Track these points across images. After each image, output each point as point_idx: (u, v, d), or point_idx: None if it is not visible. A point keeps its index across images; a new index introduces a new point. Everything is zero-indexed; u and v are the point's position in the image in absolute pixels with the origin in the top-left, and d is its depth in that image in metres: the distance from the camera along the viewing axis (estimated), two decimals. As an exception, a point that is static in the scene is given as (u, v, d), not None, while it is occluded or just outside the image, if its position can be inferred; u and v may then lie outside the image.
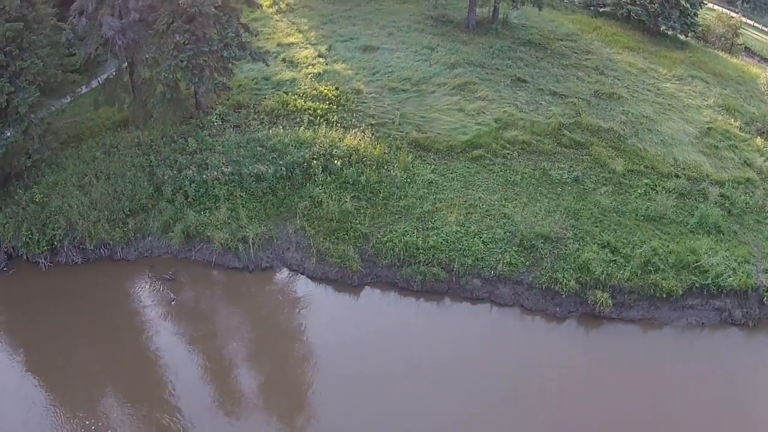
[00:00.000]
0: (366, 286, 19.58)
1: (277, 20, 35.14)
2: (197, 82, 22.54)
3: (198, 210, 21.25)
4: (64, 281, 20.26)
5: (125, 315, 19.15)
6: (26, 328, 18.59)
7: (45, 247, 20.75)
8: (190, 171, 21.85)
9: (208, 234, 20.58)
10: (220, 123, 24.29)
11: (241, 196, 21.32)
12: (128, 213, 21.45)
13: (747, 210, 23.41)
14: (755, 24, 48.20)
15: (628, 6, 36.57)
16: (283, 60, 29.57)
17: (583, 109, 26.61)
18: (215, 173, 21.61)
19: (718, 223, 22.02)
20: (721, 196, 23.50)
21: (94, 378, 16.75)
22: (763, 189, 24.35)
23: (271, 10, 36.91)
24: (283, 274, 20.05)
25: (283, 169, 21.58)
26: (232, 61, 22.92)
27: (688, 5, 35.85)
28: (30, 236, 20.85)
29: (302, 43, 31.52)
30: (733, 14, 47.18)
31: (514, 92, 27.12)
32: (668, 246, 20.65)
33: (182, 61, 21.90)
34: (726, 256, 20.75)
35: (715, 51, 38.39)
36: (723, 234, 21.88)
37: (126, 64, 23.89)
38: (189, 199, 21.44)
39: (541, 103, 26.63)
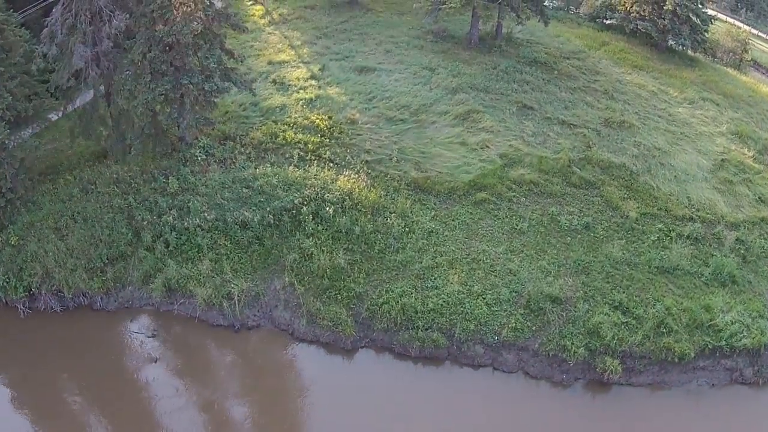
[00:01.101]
0: (361, 349, 18.25)
1: (269, 33, 32.99)
2: (177, 117, 20.70)
3: (180, 260, 19.66)
4: (42, 330, 19.07)
5: (105, 373, 17.78)
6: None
7: (23, 294, 19.60)
8: (171, 217, 20.16)
9: (191, 288, 19.07)
10: (204, 157, 22.48)
11: (226, 245, 19.74)
12: (106, 261, 19.95)
13: (762, 255, 22.18)
14: (759, 33, 46.56)
15: (637, 22, 34.76)
16: (273, 81, 27.59)
17: (593, 141, 25.03)
18: (197, 220, 19.96)
19: (733, 273, 20.84)
20: (736, 240, 22.24)
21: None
22: (780, 232, 23.16)
23: (263, 21, 34.69)
24: (271, 334, 18.59)
25: (271, 216, 19.92)
26: (215, 94, 20.99)
27: (699, 21, 34.13)
28: (6, 281, 19.71)
29: (294, 61, 29.48)
30: (738, 23, 45.59)
31: (521, 121, 25.45)
32: (682, 303, 19.42)
33: (160, 95, 20.07)
34: (740, 311, 19.61)
35: (724, 68, 36.82)
36: (737, 285, 20.73)
37: (102, 94, 21.99)
38: (170, 248, 19.83)
39: (549, 135, 25.00)
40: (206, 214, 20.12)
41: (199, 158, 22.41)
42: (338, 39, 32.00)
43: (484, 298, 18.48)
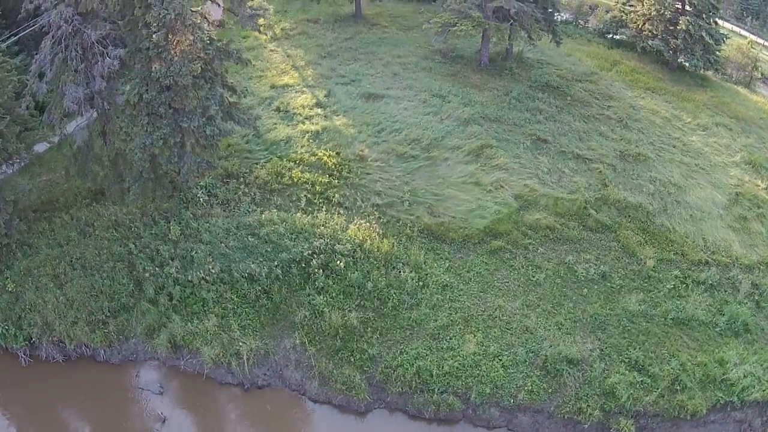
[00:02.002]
0: (374, 410, 17.81)
1: (272, 50, 31.62)
2: (177, 161, 19.67)
3: (184, 315, 18.94)
4: (44, 380, 18.50)
5: (110, 430, 17.31)
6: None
7: (23, 342, 19.02)
8: (174, 268, 19.37)
9: (197, 346, 18.46)
10: (206, 198, 21.55)
11: (232, 299, 19.02)
12: (108, 314, 19.22)
13: (778, 301, 22.00)
14: (766, 43, 45.59)
15: (649, 41, 33.76)
16: (277, 109, 26.48)
17: (609, 178, 24.35)
18: (201, 273, 19.19)
19: (747, 321, 20.58)
20: (751, 284, 21.96)
21: None
22: (792, 272, 22.88)
23: (265, 37, 33.17)
24: (281, 394, 18.05)
25: (279, 269, 19.21)
26: (217, 138, 19.92)
27: (712, 41, 33.23)
28: (6, 329, 19.08)
29: (298, 85, 28.28)
30: (743, 32, 44.55)
31: (535, 156, 24.68)
32: (696, 357, 19.17)
33: (159, 138, 18.98)
34: (753, 363, 19.46)
35: (735, 87, 36.04)
36: (751, 333, 20.52)
37: (97, 133, 20.85)
38: (174, 301, 19.06)
39: (564, 171, 24.29)
40: (211, 266, 19.33)
41: (201, 199, 21.49)
42: (344, 59, 30.74)
43: (501, 360, 18.05)
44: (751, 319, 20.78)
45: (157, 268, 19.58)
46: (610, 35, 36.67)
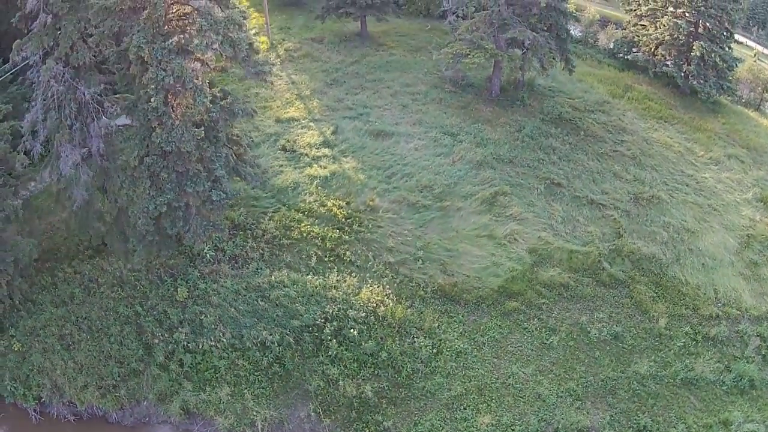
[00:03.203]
0: (388, 480, 17.89)
1: (275, 75, 30.31)
2: (183, 225, 18.97)
3: (196, 382, 18.67)
4: None
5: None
6: None
7: (33, 401, 18.83)
8: (183, 334, 18.99)
9: (211, 414, 18.27)
10: (213, 254, 21.00)
11: (245, 367, 18.73)
12: (118, 379, 18.93)
13: (784, 352, 22.15)
14: (773, 55, 44.73)
15: (662, 67, 32.86)
16: (283, 148, 25.63)
17: (623, 226, 24.01)
18: (212, 340, 18.86)
19: (753, 377, 20.76)
20: (758, 336, 22.03)
21: None
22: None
23: (269, 57, 31.97)
24: (296, 463, 18.11)
25: (291, 337, 18.91)
26: (223, 201, 19.16)
27: (725, 66, 32.42)
28: (15, 388, 18.85)
29: (304, 119, 27.34)
30: (750, 42, 43.50)
31: (549, 204, 24.18)
32: (702, 419, 19.32)
33: (162, 204, 18.22)
34: (757, 421, 19.72)
35: (746, 110, 35.43)
36: (756, 390, 20.71)
37: (98, 189, 20.03)
38: (185, 368, 18.77)
39: (578, 220, 23.86)
40: (221, 333, 18.99)
41: (208, 255, 20.96)
42: (350, 87, 29.68)
43: (513, 431, 18.08)
44: (758, 374, 20.92)
45: (166, 334, 19.19)
46: (622, 56, 35.76)
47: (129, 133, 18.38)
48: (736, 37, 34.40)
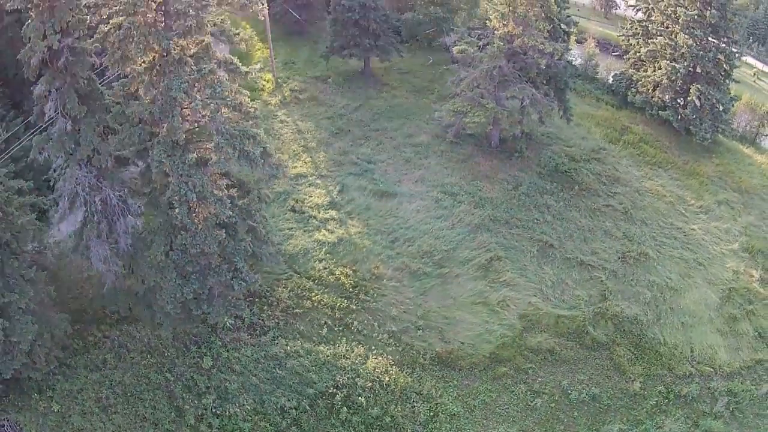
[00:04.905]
0: None
1: (281, 121, 31.51)
2: (207, 308, 20.89)
3: (223, 443, 21.27)
4: None
5: None
6: None
7: None
8: (211, 399, 21.33)
9: (238, 473, 20.88)
10: (232, 322, 23.08)
11: (267, 429, 21.06)
12: (154, 439, 21.44)
13: (751, 403, 24.38)
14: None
15: (659, 111, 33.51)
16: (292, 209, 27.12)
17: (609, 288, 25.87)
18: (236, 406, 21.21)
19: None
20: (728, 392, 24.23)
21: None
22: (770, 373, 25.03)
23: (273, 101, 32.87)
24: None
25: (306, 404, 21.23)
26: (243, 289, 20.92)
27: (722, 110, 33.05)
28: None
29: (311, 174, 28.67)
30: (749, 59, 43.41)
31: (541, 267, 25.94)
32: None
33: (189, 293, 20.04)
34: None
35: (741, 147, 36.33)
36: (721, 443, 23.17)
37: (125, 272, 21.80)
38: (213, 430, 21.24)
39: (567, 283, 25.69)
40: (244, 399, 21.33)
41: (228, 324, 23.00)
42: (354, 137, 30.78)
43: (501, 490, 20.65)
44: (724, 429, 23.31)
45: (195, 400, 21.46)
46: (620, 93, 36.28)
47: (154, 227, 19.98)
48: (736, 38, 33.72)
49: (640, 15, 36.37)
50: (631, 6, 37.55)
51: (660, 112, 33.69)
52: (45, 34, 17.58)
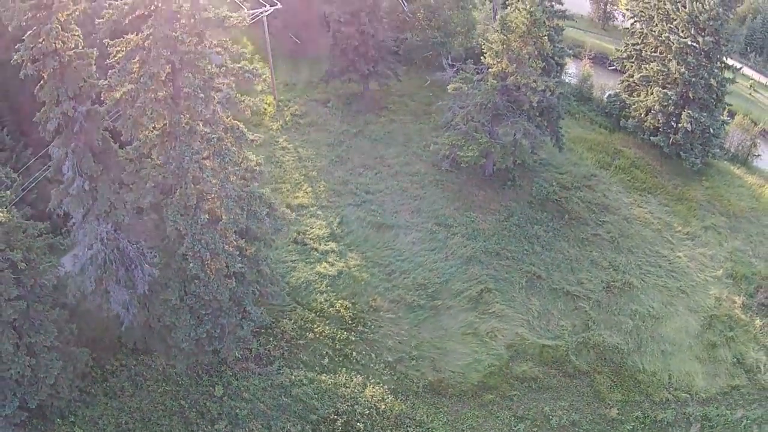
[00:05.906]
0: None
1: (283, 147, 32.78)
2: (218, 344, 22.73)
3: (235, 465, 23.45)
4: None
5: None
6: None
7: None
8: (223, 425, 23.42)
9: (249, 491, 23.13)
10: (241, 353, 25.02)
11: (274, 452, 23.43)
12: (173, 461, 23.56)
13: (725, 428, 26.21)
14: (769, 82, 44.60)
15: (650, 137, 34.34)
16: (295, 241, 28.68)
17: (592, 318, 27.48)
18: (246, 431, 23.29)
19: (692, 459, 25.09)
20: (702, 417, 26.04)
21: None
22: (746, 398, 26.68)
23: (275, 125, 34.01)
24: None
25: (310, 429, 23.26)
26: (251, 328, 22.71)
27: (713, 135, 33.81)
28: None
29: (312, 205, 30.09)
30: (746, 70, 43.43)
31: (528, 298, 27.54)
32: None
33: (203, 333, 21.92)
34: None
35: (731, 167, 37.13)
36: (692, 470, 25.19)
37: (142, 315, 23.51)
38: (225, 454, 23.53)
39: (552, 314, 27.31)
40: (253, 425, 23.37)
41: (237, 354, 24.92)
42: (354, 166, 32.03)
43: None
44: (697, 456, 25.26)
45: (208, 426, 23.60)
46: (613, 115, 37.00)
47: (168, 274, 21.63)
48: (730, 62, 34.68)
49: (637, 26, 36.59)
50: (631, 19, 37.74)
51: (651, 137, 34.58)
52: (59, 99, 18.88)
